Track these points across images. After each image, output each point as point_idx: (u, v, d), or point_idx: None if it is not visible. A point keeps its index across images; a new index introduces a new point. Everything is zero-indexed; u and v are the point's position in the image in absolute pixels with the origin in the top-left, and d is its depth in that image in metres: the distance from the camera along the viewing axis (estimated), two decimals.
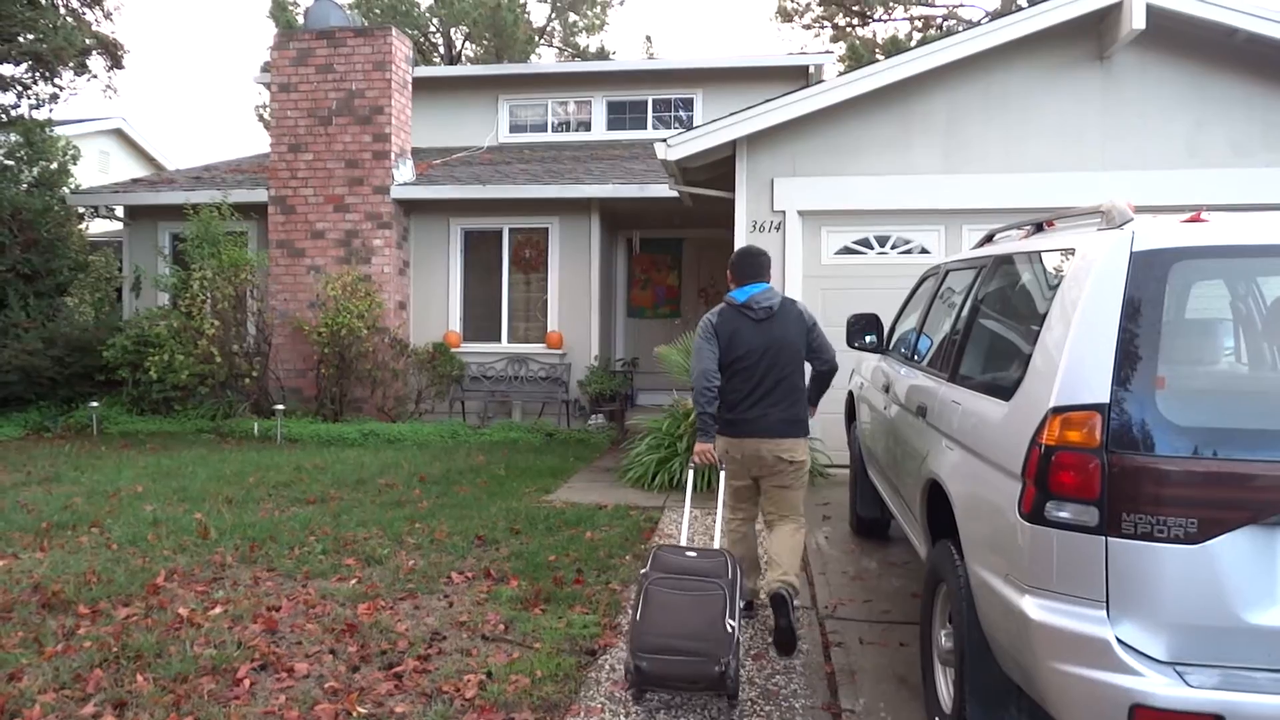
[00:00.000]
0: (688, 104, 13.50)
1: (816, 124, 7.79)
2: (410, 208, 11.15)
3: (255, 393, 10.40)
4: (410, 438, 9.51)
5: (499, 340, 11.13)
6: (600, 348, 11.01)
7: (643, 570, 3.45)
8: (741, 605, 3.50)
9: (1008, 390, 2.69)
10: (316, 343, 10.13)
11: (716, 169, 8.17)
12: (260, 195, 11.13)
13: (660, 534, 5.69)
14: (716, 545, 3.91)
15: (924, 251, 7.75)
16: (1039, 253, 3.03)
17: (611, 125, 13.69)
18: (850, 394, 5.95)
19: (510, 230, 11.15)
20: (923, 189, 7.65)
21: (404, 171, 10.98)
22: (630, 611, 3.62)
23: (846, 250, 7.88)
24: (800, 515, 4.09)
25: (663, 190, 9.77)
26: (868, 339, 5.18)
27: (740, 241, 7.84)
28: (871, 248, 7.84)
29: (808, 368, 4.08)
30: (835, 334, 6.85)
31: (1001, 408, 2.69)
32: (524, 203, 10.79)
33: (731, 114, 7.68)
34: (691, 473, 4.17)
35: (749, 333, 4.03)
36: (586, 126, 13.79)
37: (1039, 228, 3.48)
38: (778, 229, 7.83)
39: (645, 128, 13.56)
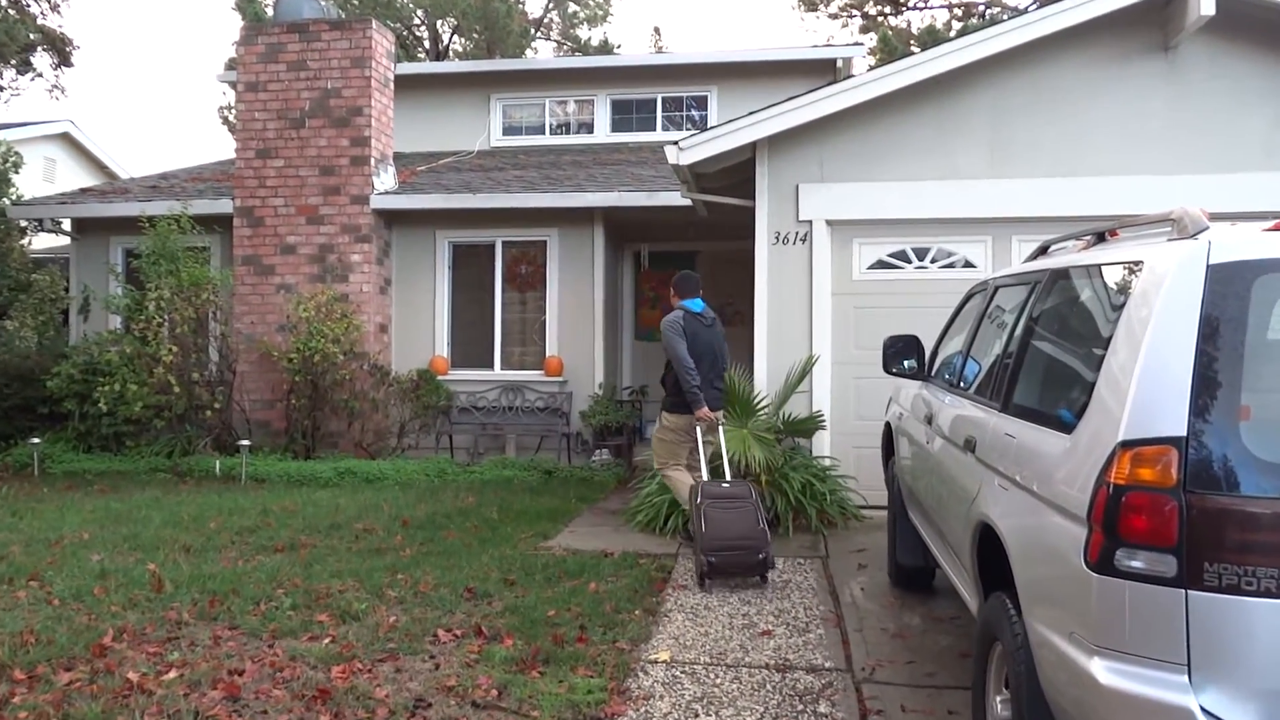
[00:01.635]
0: (701, 102, 13.62)
1: (846, 124, 7.84)
2: (392, 219, 11.24)
3: (217, 426, 10.44)
4: (392, 476, 9.53)
5: (491, 367, 11.18)
6: (605, 374, 11.03)
7: (696, 501, 5.80)
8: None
9: (1069, 421, 2.69)
10: (286, 370, 10.18)
11: (734, 175, 8.22)
12: (224, 206, 11.24)
13: (674, 584, 5.69)
14: (728, 479, 6.11)
15: (968, 265, 7.80)
16: (1101, 266, 3.03)
17: (616, 127, 13.82)
18: (887, 426, 5.95)
19: (504, 244, 11.21)
20: (966, 196, 7.70)
21: (385, 179, 11.07)
22: (696, 527, 5.73)
23: (881, 265, 7.93)
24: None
25: (674, 199, 9.82)
26: (906, 364, 5.21)
27: (762, 256, 7.95)
28: (909, 262, 7.90)
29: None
30: (870, 357, 6.95)
31: (1062, 441, 2.69)
32: (519, 213, 10.84)
33: (750, 113, 7.74)
34: (700, 435, 6.40)
35: (703, 334, 6.48)
36: (589, 128, 13.93)
37: (1100, 238, 3.48)
38: (803, 241, 7.92)
39: (654, 129, 13.69)
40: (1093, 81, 7.59)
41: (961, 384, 4.27)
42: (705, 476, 6.32)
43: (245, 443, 9.74)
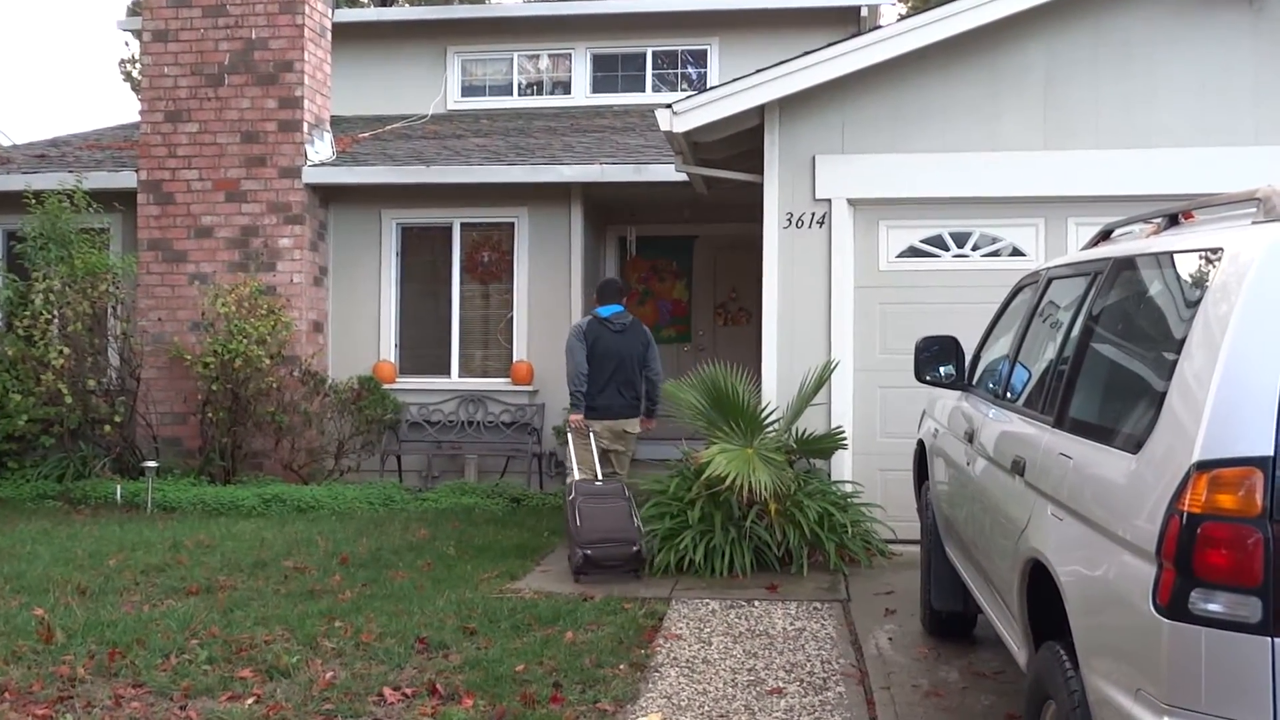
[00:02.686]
0: (699, 58, 13.68)
1: (873, 84, 7.88)
2: (329, 196, 11.25)
3: (118, 444, 10.42)
4: (328, 504, 9.54)
5: (447, 373, 11.22)
6: None
7: (569, 497, 7.11)
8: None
9: (1135, 439, 2.70)
10: (201, 377, 10.18)
11: (739, 145, 8.24)
12: (127, 179, 11.19)
13: (666, 633, 5.70)
14: (600, 478, 7.63)
15: (1017, 254, 7.87)
16: (1172, 254, 3.05)
17: (598, 86, 13.87)
18: (920, 445, 5.99)
19: (463, 226, 11.25)
20: (1014, 170, 7.75)
21: (321, 148, 11.09)
22: (570, 523, 6.93)
23: (913, 252, 8.01)
24: (627, 468, 8.22)
25: (667, 172, 9.80)
26: (943, 370, 5.24)
27: (772, 240, 8.00)
28: (946, 248, 7.98)
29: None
30: (899, 363, 6.97)
31: (1127, 462, 2.70)
32: (481, 189, 10.85)
33: (759, 71, 7.78)
34: (571, 434, 8.11)
35: (608, 339, 8.04)
36: (565, 88, 13.98)
37: (1172, 221, 3.51)
38: (820, 223, 7.98)
39: (643, 90, 13.75)
40: (1166, 34, 7.62)
41: (1008, 394, 4.30)
42: (577, 476, 7.79)
43: (152, 464, 9.73)
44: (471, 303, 11.28)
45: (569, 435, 8.09)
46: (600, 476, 7.70)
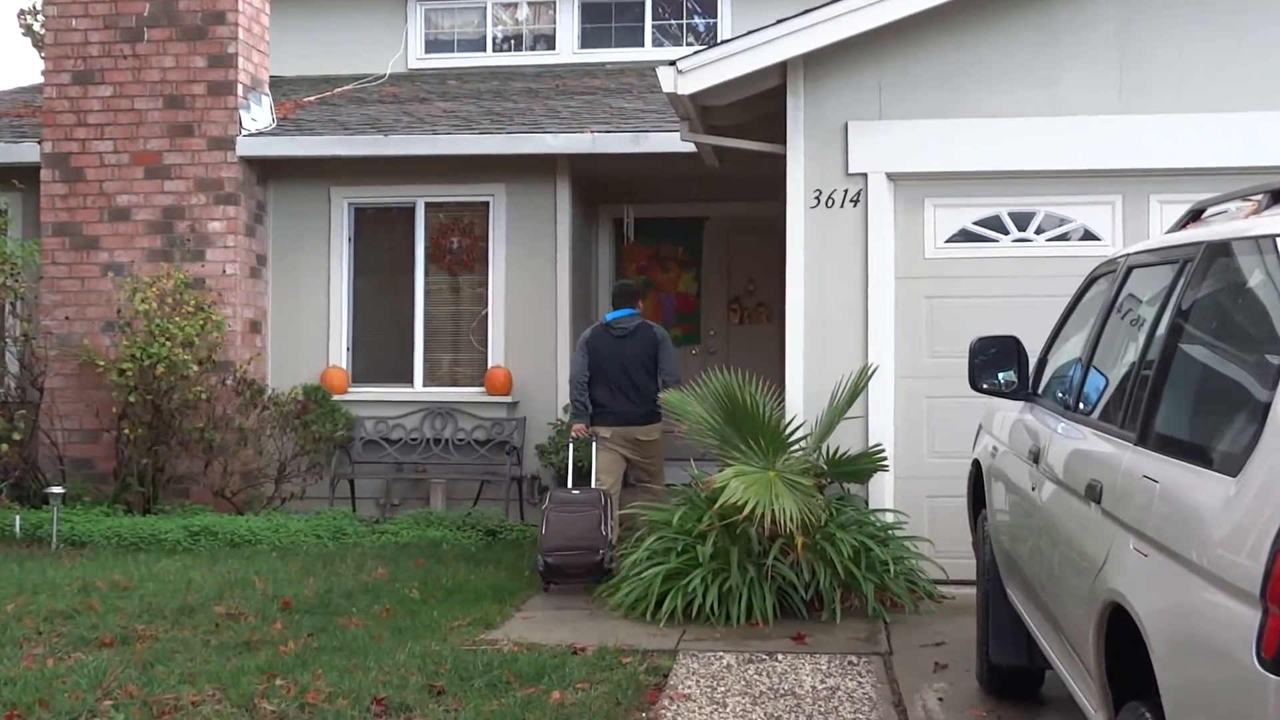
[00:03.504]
0: (708, 6, 13.69)
1: (916, 36, 7.93)
2: (269, 171, 11.26)
3: (18, 467, 10.42)
4: (268, 538, 9.54)
5: (410, 382, 11.25)
6: None
7: (543, 506, 8.29)
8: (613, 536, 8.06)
9: (1234, 459, 2.70)
10: (117, 386, 10.17)
11: (757, 108, 8.27)
12: (29, 152, 11.21)
13: (673, 693, 5.69)
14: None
15: (1089, 238, 7.92)
16: (1276, 238, 3.02)
17: (588, 40, 13.87)
18: (976, 466, 6.03)
19: (428, 207, 11.27)
20: (1085, 138, 7.77)
21: (259, 114, 11.12)
22: (538, 531, 8.07)
23: (965, 236, 8.05)
24: (661, 479, 9.03)
25: (671, 142, 9.74)
26: (1002, 378, 5.26)
27: (797, 222, 8.05)
28: (1005, 231, 8.02)
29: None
30: (949, 368, 7.09)
31: (1224, 486, 2.69)
32: (450, 162, 10.88)
33: (780, 21, 7.78)
34: (572, 449, 9.29)
35: (607, 346, 8.87)
36: (548, 42, 13.99)
37: (1275, 199, 3.50)
38: (855, 202, 8.02)
39: (641, 44, 13.76)
40: None
41: (1081, 405, 4.31)
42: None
43: (57, 490, 9.72)
44: (439, 298, 11.29)
45: (592, 446, 8.91)
46: (607, 487, 8.60)
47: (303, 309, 11.32)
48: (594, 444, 8.87)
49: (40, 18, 18.21)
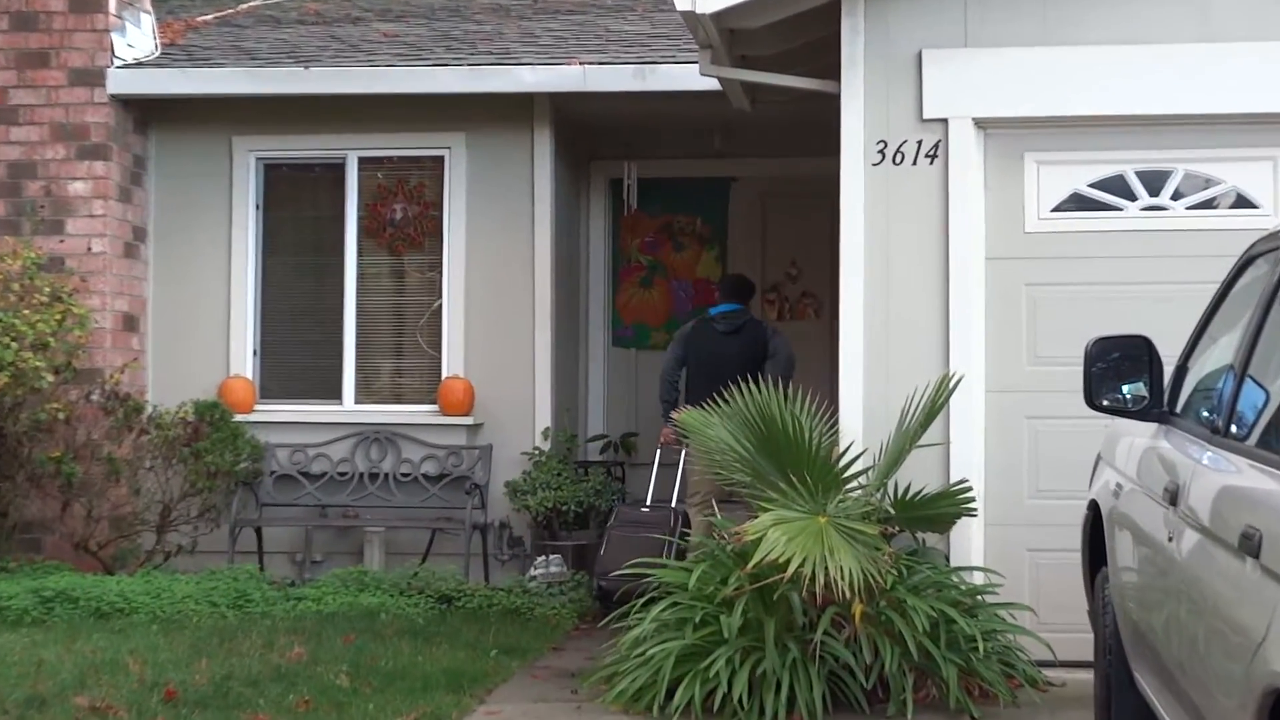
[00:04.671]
0: None
1: None
2: (151, 115, 11.28)
3: None
4: (146, 606, 9.47)
5: (338, 398, 11.30)
6: (555, 413, 11.14)
7: (607, 524, 10.00)
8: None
9: None
10: None
11: (800, 32, 8.34)
12: None
13: None
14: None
15: (1243, 205, 7.91)
16: None
17: None
18: (1092, 509, 6.02)
19: (363, 164, 11.29)
20: (1243, 72, 7.73)
21: (137, 38, 11.08)
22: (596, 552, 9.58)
23: (1078, 203, 8.05)
24: None
25: (688, 77, 9.73)
26: (1128, 391, 5.31)
27: (855, 185, 8.02)
28: (1131, 197, 8.02)
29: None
30: (1058, 379, 7.29)
31: None
32: (393, 104, 10.90)
33: None
34: (657, 460, 10.31)
35: (708, 343, 10.09)
36: None
37: None
38: (931, 159, 8.00)
39: None
40: None
41: (1234, 428, 4.30)
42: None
43: None
44: (377, 285, 11.33)
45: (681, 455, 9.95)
46: (696, 507, 9.75)
47: (195, 300, 11.32)
48: (683, 454, 9.69)
49: None
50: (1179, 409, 5.10)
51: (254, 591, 9.85)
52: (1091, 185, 7.96)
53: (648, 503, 10.42)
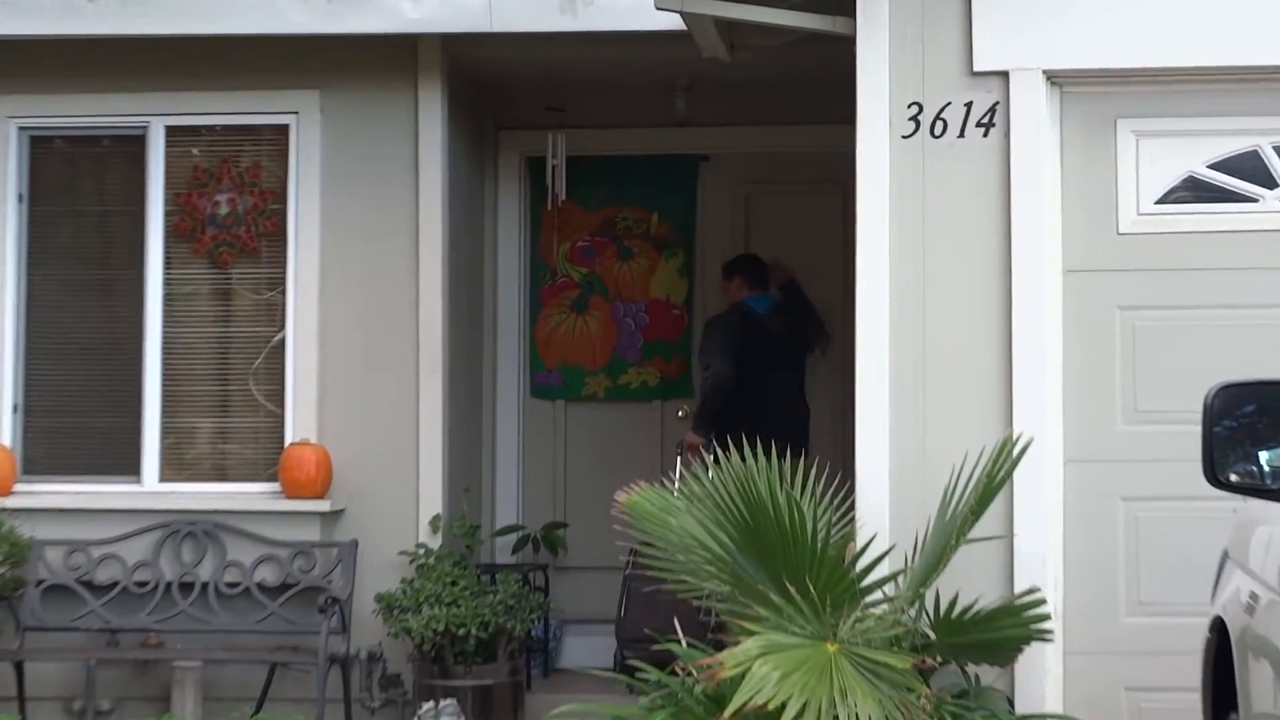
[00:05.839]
0: None
1: None
2: None
3: None
4: None
5: (135, 475, 11.15)
6: (448, 493, 11.04)
7: (626, 571, 9.86)
8: None
9: None
10: None
11: None
12: None
13: None
14: None
15: None
16: None
17: None
18: (1218, 629, 5.75)
19: (171, 135, 11.20)
20: None
21: None
22: (617, 608, 10.31)
23: (1194, 192, 8.05)
24: None
25: (639, 11, 9.38)
26: (1266, 461, 5.21)
27: (877, 165, 7.96)
28: (1270, 184, 7.98)
29: None
30: (1166, 442, 7.40)
31: None
32: (215, 51, 10.79)
33: None
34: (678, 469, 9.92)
35: (759, 343, 11.17)
36: None
37: None
38: (984, 128, 7.96)
39: None
40: None
41: None
42: None
43: None
44: (191, 309, 11.18)
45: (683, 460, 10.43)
46: None
47: None
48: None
49: None
50: None
51: None
52: (1214, 166, 7.90)
53: None
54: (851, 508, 7.55)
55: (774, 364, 10.58)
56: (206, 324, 11.26)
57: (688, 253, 12.92)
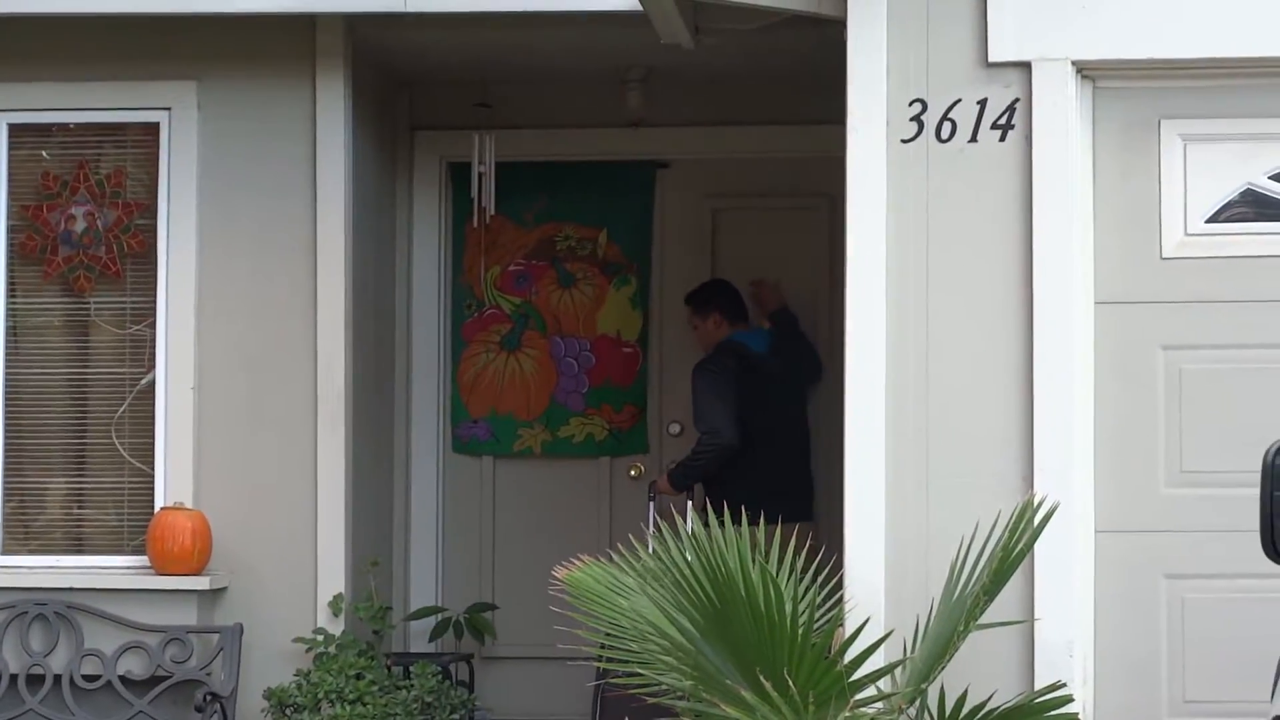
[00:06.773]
0: None
1: None
2: None
3: None
4: None
5: None
6: (352, 568, 11.20)
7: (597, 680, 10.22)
8: None
9: None
10: None
11: None
12: None
13: None
14: None
15: None
16: None
17: None
18: None
19: (14, 134, 11.45)
20: None
21: None
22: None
23: (1254, 207, 8.17)
24: None
25: None
26: None
27: (871, 176, 8.09)
28: None
29: None
30: (1220, 508, 7.60)
31: None
32: (70, 32, 10.96)
33: None
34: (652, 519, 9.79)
35: (754, 389, 11.49)
36: None
37: None
38: (1001, 131, 8.10)
39: None
40: None
41: None
42: None
43: None
44: (40, 346, 11.36)
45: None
46: None
47: None
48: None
49: None
50: None
51: None
52: (1277, 178, 7.95)
53: None
54: (839, 587, 7.65)
55: (777, 416, 10.81)
56: (59, 363, 11.41)
57: (642, 279, 13.07)
